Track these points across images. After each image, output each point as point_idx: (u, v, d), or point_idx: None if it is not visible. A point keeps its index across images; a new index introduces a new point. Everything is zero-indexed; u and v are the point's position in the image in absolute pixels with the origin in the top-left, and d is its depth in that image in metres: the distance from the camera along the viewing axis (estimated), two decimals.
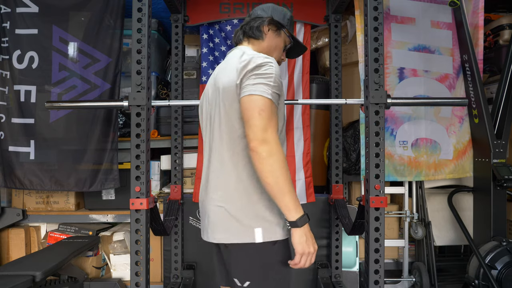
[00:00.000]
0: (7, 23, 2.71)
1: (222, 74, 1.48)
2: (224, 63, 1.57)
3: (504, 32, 2.93)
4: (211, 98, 1.54)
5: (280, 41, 1.64)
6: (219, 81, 1.48)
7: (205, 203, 1.54)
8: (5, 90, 2.73)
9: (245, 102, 1.34)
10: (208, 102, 1.56)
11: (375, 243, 1.84)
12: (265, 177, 1.30)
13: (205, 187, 1.55)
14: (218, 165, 1.47)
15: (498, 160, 2.52)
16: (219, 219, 1.45)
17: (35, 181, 2.71)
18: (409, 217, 2.82)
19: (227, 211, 1.42)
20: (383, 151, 1.85)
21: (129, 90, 2.86)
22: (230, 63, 1.48)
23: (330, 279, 2.67)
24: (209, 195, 1.50)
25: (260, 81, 1.35)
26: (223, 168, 1.46)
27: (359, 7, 2.64)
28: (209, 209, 1.50)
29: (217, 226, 1.46)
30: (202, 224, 1.57)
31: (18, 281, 1.98)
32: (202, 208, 1.57)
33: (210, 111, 1.54)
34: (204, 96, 1.63)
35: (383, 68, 1.85)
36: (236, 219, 1.41)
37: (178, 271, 2.68)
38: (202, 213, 1.58)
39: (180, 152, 2.72)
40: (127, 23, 2.75)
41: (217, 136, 1.48)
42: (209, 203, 1.50)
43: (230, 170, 1.43)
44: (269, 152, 1.28)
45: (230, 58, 1.53)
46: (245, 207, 1.40)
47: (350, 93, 2.94)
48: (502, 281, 2.30)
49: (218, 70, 1.58)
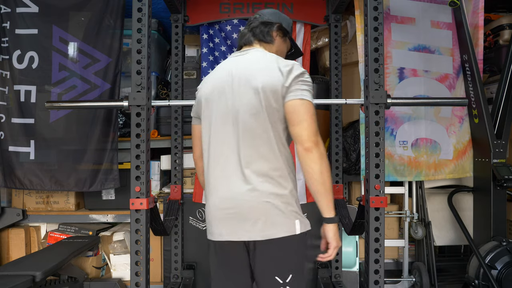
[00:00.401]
0: (7, 23, 2.71)
1: (258, 73, 1.51)
2: (249, 61, 1.57)
3: (504, 32, 2.93)
4: (236, 92, 1.52)
5: (284, 46, 1.74)
6: (253, 79, 1.50)
7: (240, 200, 1.47)
8: (5, 90, 2.73)
9: (297, 104, 1.47)
10: (229, 97, 1.53)
11: (375, 243, 1.84)
12: (316, 176, 1.44)
13: (235, 182, 1.49)
14: (255, 161, 1.47)
15: (498, 160, 2.52)
16: (267, 214, 1.46)
17: (35, 181, 2.71)
18: (409, 217, 2.82)
19: (275, 206, 1.47)
20: (383, 151, 1.86)
21: (129, 90, 2.86)
22: (266, 63, 1.54)
23: (330, 279, 2.67)
24: (248, 191, 1.46)
25: (306, 88, 1.50)
26: (262, 163, 1.47)
27: (359, 7, 2.64)
28: (251, 205, 1.46)
29: (264, 222, 1.46)
30: (231, 223, 1.49)
31: (18, 281, 1.98)
32: (235, 206, 1.49)
33: (234, 105, 1.51)
34: (214, 91, 1.58)
35: (383, 68, 1.86)
36: (282, 213, 1.47)
37: (178, 271, 2.68)
38: (231, 211, 1.49)
39: (180, 152, 2.72)
40: (127, 23, 2.74)
41: (247, 130, 1.48)
42: (249, 199, 1.46)
43: (272, 165, 1.48)
44: (321, 154, 1.44)
45: (260, 58, 1.57)
46: (288, 201, 1.49)
47: (350, 93, 2.94)
48: (502, 281, 2.30)
49: (241, 66, 1.56)
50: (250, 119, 1.48)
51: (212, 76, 1.65)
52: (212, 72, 1.68)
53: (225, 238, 1.51)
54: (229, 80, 1.55)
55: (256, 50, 1.63)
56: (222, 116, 1.54)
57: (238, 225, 1.49)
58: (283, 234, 1.46)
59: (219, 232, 1.52)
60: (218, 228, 1.53)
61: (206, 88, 1.63)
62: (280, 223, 1.47)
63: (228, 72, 1.57)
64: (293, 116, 1.47)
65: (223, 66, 1.64)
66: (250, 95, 1.49)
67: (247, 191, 1.47)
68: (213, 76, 1.64)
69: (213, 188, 1.55)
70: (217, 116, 1.55)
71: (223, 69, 1.61)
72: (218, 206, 1.52)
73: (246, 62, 1.58)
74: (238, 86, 1.52)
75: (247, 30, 1.68)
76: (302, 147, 1.44)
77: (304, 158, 1.45)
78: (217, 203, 1.53)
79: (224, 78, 1.57)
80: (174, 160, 2.71)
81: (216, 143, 1.54)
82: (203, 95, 1.62)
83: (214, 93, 1.58)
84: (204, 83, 1.67)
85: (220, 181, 1.53)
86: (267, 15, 1.69)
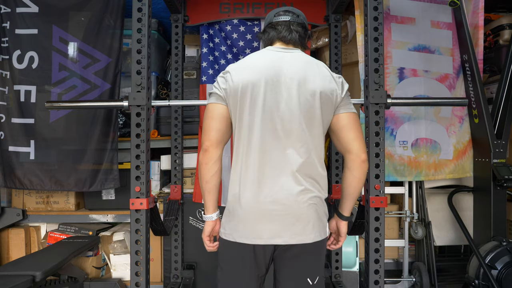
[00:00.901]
0: (7, 23, 2.71)
1: (314, 77, 1.49)
2: (300, 62, 1.52)
3: (504, 32, 2.93)
4: (289, 90, 1.47)
5: None
6: (310, 82, 1.49)
7: (292, 201, 1.45)
8: (5, 90, 2.73)
9: (354, 118, 1.55)
10: (280, 93, 1.47)
11: (375, 243, 1.84)
12: (361, 184, 1.56)
13: (286, 182, 1.45)
14: (305, 163, 1.47)
15: (498, 160, 2.52)
16: (313, 217, 1.49)
17: (35, 181, 2.71)
18: (409, 217, 2.82)
19: (318, 209, 1.51)
20: (383, 151, 1.86)
21: (129, 90, 2.86)
22: (319, 69, 1.53)
23: (330, 279, 2.67)
24: (300, 192, 1.45)
25: (352, 103, 1.60)
26: (311, 167, 1.49)
27: (359, 7, 2.64)
28: (299, 207, 1.45)
29: (311, 224, 1.48)
30: (274, 225, 1.45)
31: (18, 281, 1.98)
32: (285, 207, 1.45)
33: (287, 103, 1.47)
34: (261, 82, 1.47)
35: (383, 68, 1.86)
36: (322, 216, 1.53)
37: (178, 271, 2.67)
38: (280, 212, 1.45)
39: (180, 152, 2.72)
40: (127, 23, 2.74)
41: (300, 131, 1.47)
42: (301, 201, 1.45)
43: (317, 169, 1.51)
44: (367, 166, 1.56)
45: (311, 62, 1.55)
46: (324, 204, 1.56)
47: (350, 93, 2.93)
48: (502, 281, 2.30)
49: (293, 65, 1.50)
50: (304, 121, 1.47)
51: (255, 64, 1.51)
52: (252, 59, 1.55)
53: (269, 242, 1.45)
54: (278, 75, 1.48)
55: (302, 53, 1.58)
56: (271, 111, 1.46)
57: (286, 227, 1.45)
58: (323, 236, 1.53)
59: (257, 234, 1.45)
60: (255, 230, 1.46)
61: (248, 75, 1.48)
62: (321, 226, 1.52)
63: (277, 67, 1.50)
64: (349, 127, 1.53)
65: (267, 58, 1.53)
66: (306, 97, 1.47)
67: (299, 192, 1.45)
68: (256, 64, 1.51)
69: (255, 185, 1.46)
70: (265, 110, 1.46)
71: (269, 61, 1.51)
72: (262, 205, 1.45)
73: (298, 62, 1.52)
74: (291, 84, 1.47)
75: (290, 28, 1.57)
76: (359, 158, 1.52)
77: (358, 168, 1.53)
78: (261, 202, 1.45)
79: (273, 72, 1.48)
80: (174, 160, 2.71)
81: (262, 138, 1.46)
82: (244, 81, 1.47)
83: (261, 83, 1.47)
84: (245, 69, 1.51)
85: (267, 180, 1.45)
86: (301, 17, 1.63)
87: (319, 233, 1.50)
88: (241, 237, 1.47)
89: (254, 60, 1.54)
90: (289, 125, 1.46)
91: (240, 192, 1.47)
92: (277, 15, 1.61)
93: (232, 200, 1.51)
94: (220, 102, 1.51)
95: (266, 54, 1.56)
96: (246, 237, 1.47)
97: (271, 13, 1.64)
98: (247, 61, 1.55)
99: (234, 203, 1.49)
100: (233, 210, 1.50)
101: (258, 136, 1.46)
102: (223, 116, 1.51)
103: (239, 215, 1.48)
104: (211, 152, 1.49)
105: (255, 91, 1.47)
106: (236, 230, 1.48)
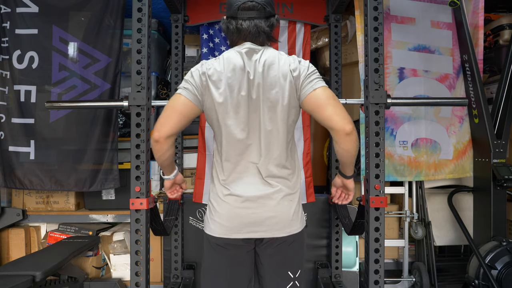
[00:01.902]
0: (7, 23, 2.71)
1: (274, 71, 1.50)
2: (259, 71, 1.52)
3: (504, 32, 2.93)
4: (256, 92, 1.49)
5: None
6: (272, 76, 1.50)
7: (268, 196, 1.50)
8: (5, 90, 2.73)
9: (322, 93, 1.47)
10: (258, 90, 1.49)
11: (375, 243, 1.84)
12: (353, 153, 1.51)
13: (261, 179, 1.50)
14: (279, 157, 1.51)
15: (498, 160, 2.52)
16: (292, 209, 1.53)
17: (35, 181, 2.71)
18: (409, 217, 2.82)
19: (295, 200, 1.55)
20: (383, 151, 1.86)
21: (129, 90, 2.86)
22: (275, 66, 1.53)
23: (330, 279, 2.67)
24: (273, 187, 1.50)
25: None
26: (286, 160, 1.52)
27: (359, 7, 2.64)
28: (279, 201, 1.50)
29: (291, 217, 1.52)
30: (257, 220, 1.50)
31: (18, 281, 1.98)
32: (262, 203, 1.50)
33: (259, 99, 1.49)
34: (242, 85, 1.49)
35: (383, 68, 1.86)
36: (299, 207, 1.58)
37: (178, 271, 2.67)
38: (259, 208, 1.50)
39: (180, 152, 2.72)
40: (127, 23, 2.74)
41: (271, 124, 1.49)
42: (275, 195, 1.50)
43: (290, 161, 1.54)
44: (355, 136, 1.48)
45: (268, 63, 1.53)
46: (300, 195, 1.60)
47: (350, 93, 2.94)
48: (502, 281, 2.30)
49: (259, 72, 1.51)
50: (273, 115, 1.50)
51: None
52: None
53: (245, 236, 1.51)
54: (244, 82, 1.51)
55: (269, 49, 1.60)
56: (248, 105, 1.49)
57: (261, 221, 1.50)
58: (301, 228, 1.57)
59: (235, 229, 1.51)
60: (235, 226, 1.51)
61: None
62: (299, 218, 1.56)
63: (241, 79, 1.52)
64: (323, 104, 1.48)
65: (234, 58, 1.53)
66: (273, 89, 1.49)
67: (274, 191, 1.50)
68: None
69: (237, 185, 1.51)
70: (242, 103, 1.49)
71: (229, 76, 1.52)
72: (241, 203, 1.50)
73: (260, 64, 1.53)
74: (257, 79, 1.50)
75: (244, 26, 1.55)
76: (344, 132, 1.44)
77: (344, 141, 1.47)
78: (241, 201, 1.50)
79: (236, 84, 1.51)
80: (174, 160, 2.71)
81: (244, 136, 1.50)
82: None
83: (242, 82, 1.49)
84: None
85: (245, 179, 1.51)
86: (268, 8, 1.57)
87: (300, 224, 1.57)
88: (220, 230, 1.55)
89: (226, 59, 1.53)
90: (267, 118, 1.50)
91: (222, 190, 1.56)
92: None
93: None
94: (188, 96, 1.53)
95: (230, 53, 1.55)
96: (225, 232, 1.54)
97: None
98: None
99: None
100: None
101: (238, 133, 1.51)
102: (184, 112, 1.54)
103: (221, 211, 1.54)
104: (163, 144, 1.52)
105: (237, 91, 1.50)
106: (216, 223, 1.56)
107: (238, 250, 1.54)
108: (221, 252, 1.54)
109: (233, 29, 1.53)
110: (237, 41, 1.56)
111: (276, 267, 1.55)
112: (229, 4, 1.54)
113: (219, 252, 1.54)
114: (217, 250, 1.55)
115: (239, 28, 1.52)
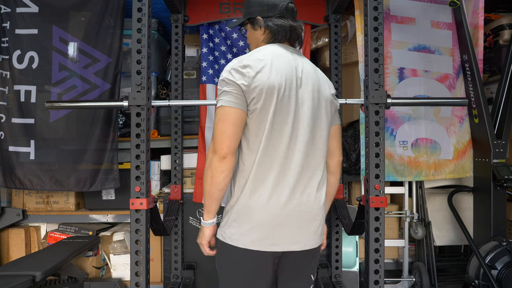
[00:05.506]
0: (7, 23, 2.71)
1: (324, 85, 1.57)
2: (310, 65, 1.55)
3: (504, 32, 2.93)
4: (316, 100, 1.51)
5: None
6: (323, 89, 1.55)
7: (308, 205, 1.47)
8: (5, 90, 2.73)
9: (339, 128, 1.68)
10: (300, 97, 1.45)
11: (375, 243, 1.84)
12: (336, 189, 1.75)
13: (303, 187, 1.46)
14: (317, 167, 1.53)
15: (498, 160, 2.51)
16: (324, 219, 1.58)
17: (35, 181, 2.71)
18: (409, 217, 2.82)
19: (324, 213, 1.58)
20: (383, 151, 1.86)
21: (129, 90, 2.86)
22: (324, 77, 1.62)
23: (330, 279, 2.67)
24: (313, 196, 1.49)
25: None
26: (321, 171, 1.54)
27: (359, 7, 2.64)
28: (318, 212, 1.51)
29: (322, 226, 1.58)
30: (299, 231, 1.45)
31: (18, 281, 1.98)
32: (302, 212, 1.45)
33: (313, 110, 1.49)
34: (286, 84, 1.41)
35: (383, 68, 1.86)
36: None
37: (178, 271, 2.68)
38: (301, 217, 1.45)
39: (180, 152, 2.72)
40: (127, 23, 2.74)
41: (316, 137, 1.51)
42: (315, 204, 1.50)
43: (324, 174, 1.57)
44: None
45: (314, 67, 1.58)
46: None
47: (350, 93, 2.94)
48: (502, 281, 2.30)
49: (306, 69, 1.51)
50: (319, 128, 1.53)
51: (275, 64, 1.42)
52: (269, 55, 1.44)
53: (290, 248, 1.45)
54: (296, 78, 1.45)
55: (305, 58, 1.58)
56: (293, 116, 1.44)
57: (302, 232, 1.47)
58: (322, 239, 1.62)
59: (275, 241, 1.42)
60: (274, 236, 1.41)
61: (273, 76, 1.39)
62: (322, 229, 1.60)
63: (294, 68, 1.46)
64: (337, 137, 1.66)
65: (282, 57, 1.46)
66: (324, 105, 1.54)
67: (314, 199, 1.50)
68: (276, 64, 1.42)
69: (276, 191, 1.41)
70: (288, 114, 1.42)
71: (286, 62, 1.45)
72: (282, 212, 1.41)
73: (308, 65, 1.55)
74: (312, 91, 1.49)
75: (294, 25, 1.54)
76: (339, 163, 1.70)
77: (339, 171, 1.71)
78: (281, 208, 1.41)
79: (291, 73, 1.44)
80: (174, 160, 2.71)
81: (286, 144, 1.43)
82: (269, 83, 1.38)
83: (286, 86, 1.41)
84: (268, 68, 1.40)
85: (285, 185, 1.42)
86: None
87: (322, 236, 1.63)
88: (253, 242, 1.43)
89: (270, 55, 1.45)
90: (316, 131, 1.52)
91: (259, 196, 1.42)
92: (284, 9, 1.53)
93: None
94: (238, 106, 1.39)
95: (275, 49, 1.49)
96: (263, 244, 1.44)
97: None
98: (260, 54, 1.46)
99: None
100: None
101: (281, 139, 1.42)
102: (242, 124, 1.41)
103: (255, 220, 1.43)
104: (228, 161, 1.39)
105: (280, 92, 1.40)
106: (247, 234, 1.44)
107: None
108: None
109: (276, 29, 1.51)
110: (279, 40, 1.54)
111: (299, 271, 1.56)
112: (272, 4, 1.52)
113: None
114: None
115: (284, 26, 1.52)
